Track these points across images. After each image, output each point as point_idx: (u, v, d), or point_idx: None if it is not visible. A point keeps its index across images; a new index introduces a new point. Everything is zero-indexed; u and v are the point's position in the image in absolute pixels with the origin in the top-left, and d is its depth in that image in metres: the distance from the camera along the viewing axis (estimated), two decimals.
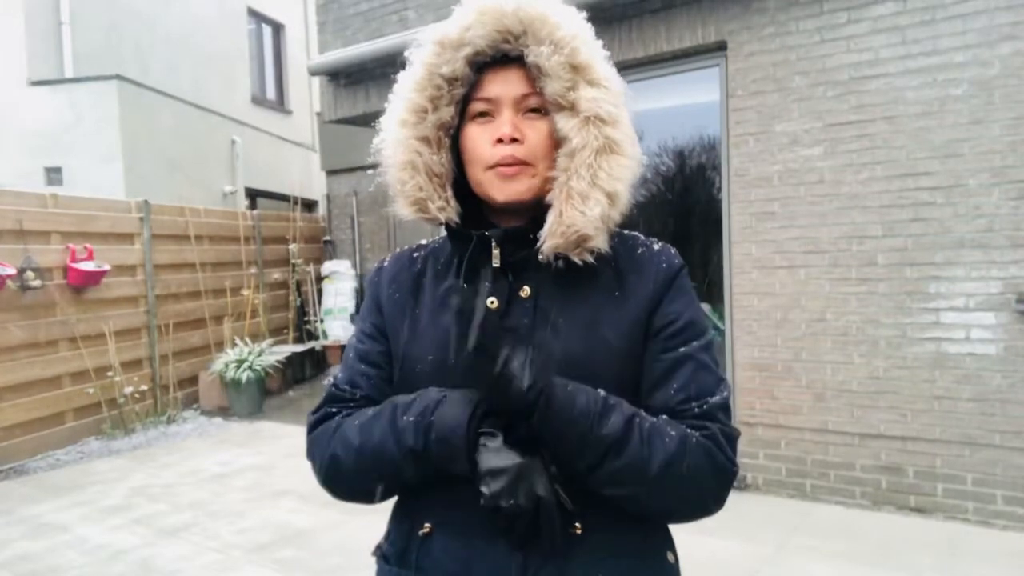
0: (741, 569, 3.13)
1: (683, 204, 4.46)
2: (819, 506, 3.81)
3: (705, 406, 0.91)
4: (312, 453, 0.99)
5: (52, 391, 5.58)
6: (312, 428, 1.00)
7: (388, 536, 1.02)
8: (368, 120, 6.04)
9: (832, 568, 3.11)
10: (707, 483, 0.89)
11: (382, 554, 1.02)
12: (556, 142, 0.92)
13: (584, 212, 0.88)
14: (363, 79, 5.77)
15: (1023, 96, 3.33)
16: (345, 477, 0.95)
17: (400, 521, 1.00)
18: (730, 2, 3.98)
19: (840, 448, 3.83)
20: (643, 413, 0.89)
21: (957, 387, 3.52)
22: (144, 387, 6.25)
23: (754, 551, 3.27)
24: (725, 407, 0.93)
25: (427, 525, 0.94)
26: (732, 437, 0.91)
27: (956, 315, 3.51)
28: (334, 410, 1.00)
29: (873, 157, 3.66)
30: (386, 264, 1.08)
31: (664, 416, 0.90)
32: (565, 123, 0.90)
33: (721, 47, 4.09)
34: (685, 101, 4.38)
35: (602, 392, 0.87)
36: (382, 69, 5.57)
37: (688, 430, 0.88)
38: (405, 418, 0.89)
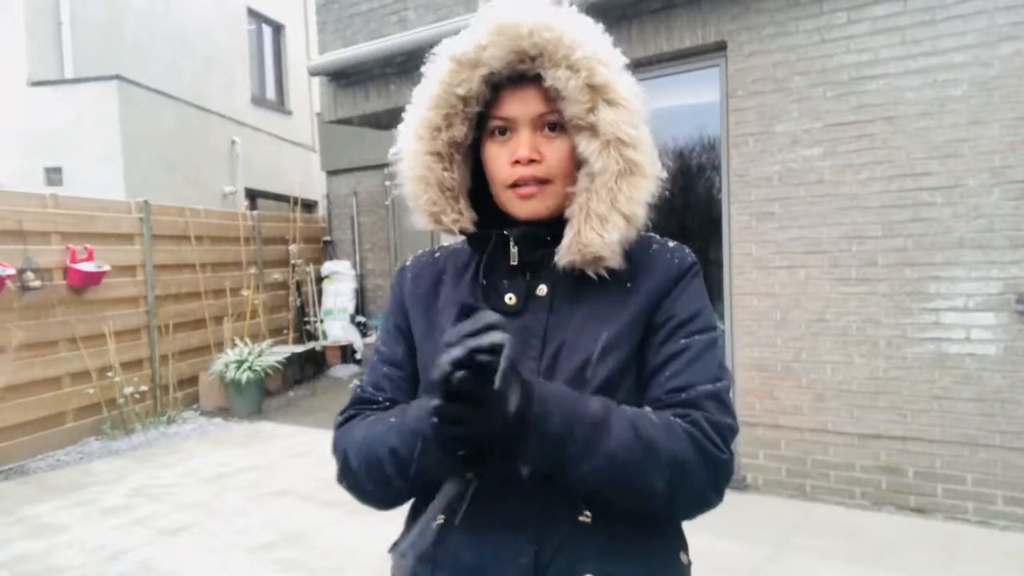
0: (741, 569, 3.13)
1: (683, 204, 4.46)
2: (819, 506, 3.81)
3: (693, 393, 0.90)
4: (334, 451, 1.02)
5: (52, 391, 5.58)
6: (337, 427, 1.04)
7: (405, 531, 1.03)
8: (368, 120, 6.05)
9: (832, 568, 3.11)
10: (698, 471, 0.86)
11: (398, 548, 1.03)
12: (576, 160, 0.93)
13: (602, 235, 0.90)
14: (363, 79, 5.76)
15: (1023, 96, 3.33)
16: (352, 474, 0.98)
17: (415, 515, 1.01)
18: (730, 2, 3.98)
19: (840, 448, 3.83)
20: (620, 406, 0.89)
21: (957, 387, 3.52)
22: (144, 387, 6.25)
23: (754, 551, 3.27)
24: (716, 397, 0.91)
25: (441, 517, 0.94)
26: (721, 426, 0.89)
27: (956, 315, 3.51)
28: (355, 412, 1.03)
29: (873, 157, 3.66)
30: (408, 263, 1.11)
31: (647, 408, 0.90)
32: (586, 146, 0.91)
33: (721, 47, 4.09)
34: (685, 101, 4.38)
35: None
36: (382, 69, 5.57)
37: (672, 418, 0.88)
38: (392, 419, 0.94)
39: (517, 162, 0.92)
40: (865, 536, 3.41)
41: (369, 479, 0.95)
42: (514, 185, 0.94)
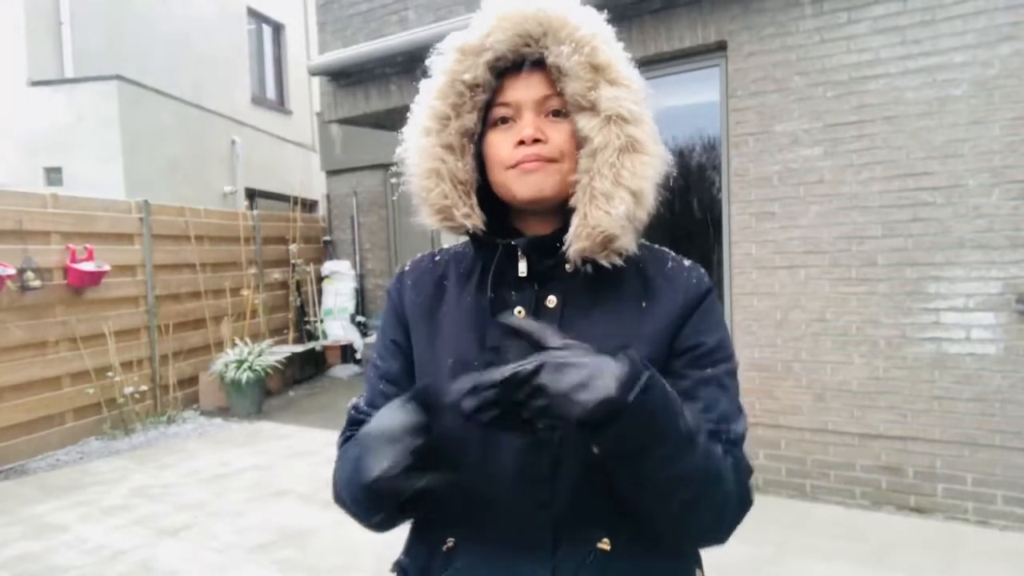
0: (741, 569, 3.13)
1: (683, 204, 4.46)
2: (819, 506, 3.81)
3: (730, 434, 0.90)
4: (333, 475, 0.98)
5: (52, 391, 5.58)
6: (338, 449, 1.00)
7: (408, 551, 0.99)
8: (368, 120, 6.05)
9: (832, 568, 3.11)
10: (733, 503, 0.87)
11: (402, 569, 0.99)
12: (579, 143, 0.91)
13: (609, 212, 0.87)
14: (363, 79, 5.76)
15: (1023, 96, 3.33)
16: (343, 494, 0.94)
17: (421, 536, 0.97)
18: (730, 2, 3.98)
19: (840, 448, 3.83)
20: None
21: (957, 387, 3.52)
22: (144, 387, 6.25)
23: (754, 551, 3.27)
24: (743, 439, 0.92)
25: (450, 540, 0.92)
26: (748, 471, 0.90)
27: (956, 315, 3.51)
28: (351, 434, 0.99)
29: (873, 157, 3.66)
30: (407, 269, 1.07)
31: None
32: (586, 123, 0.89)
33: (721, 47, 4.09)
34: (685, 101, 4.38)
35: None
36: (382, 69, 5.57)
37: (728, 457, 0.88)
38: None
39: (522, 143, 0.90)
40: (865, 536, 3.41)
41: (350, 497, 0.91)
42: (517, 165, 0.91)
